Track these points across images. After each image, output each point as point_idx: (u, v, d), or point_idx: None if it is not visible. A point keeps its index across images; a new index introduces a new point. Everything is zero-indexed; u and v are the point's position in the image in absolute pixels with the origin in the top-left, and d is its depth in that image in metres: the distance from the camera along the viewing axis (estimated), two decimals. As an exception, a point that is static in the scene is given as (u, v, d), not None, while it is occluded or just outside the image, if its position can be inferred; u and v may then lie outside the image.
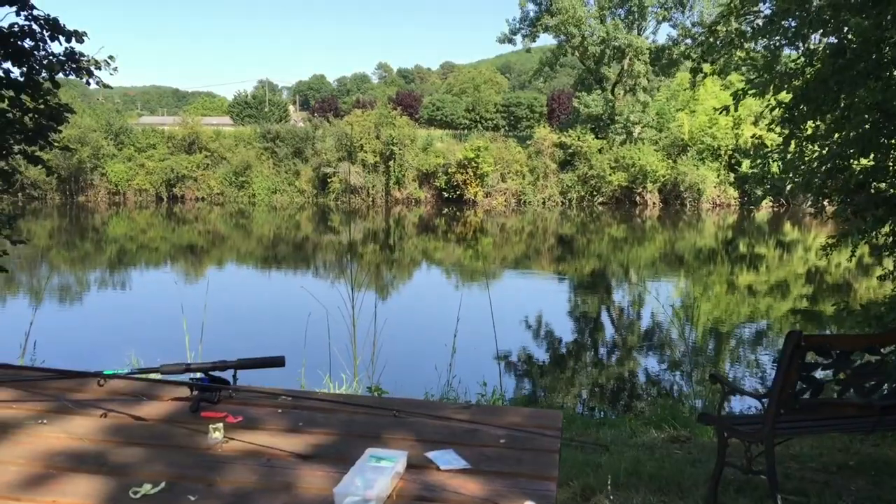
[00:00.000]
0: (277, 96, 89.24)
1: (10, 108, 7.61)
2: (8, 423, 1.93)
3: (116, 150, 44.87)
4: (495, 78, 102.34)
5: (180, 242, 29.40)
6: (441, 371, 6.87)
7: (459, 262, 24.86)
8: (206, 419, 1.97)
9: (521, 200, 43.58)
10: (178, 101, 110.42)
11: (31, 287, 18.21)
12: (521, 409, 2.17)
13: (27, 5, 7.12)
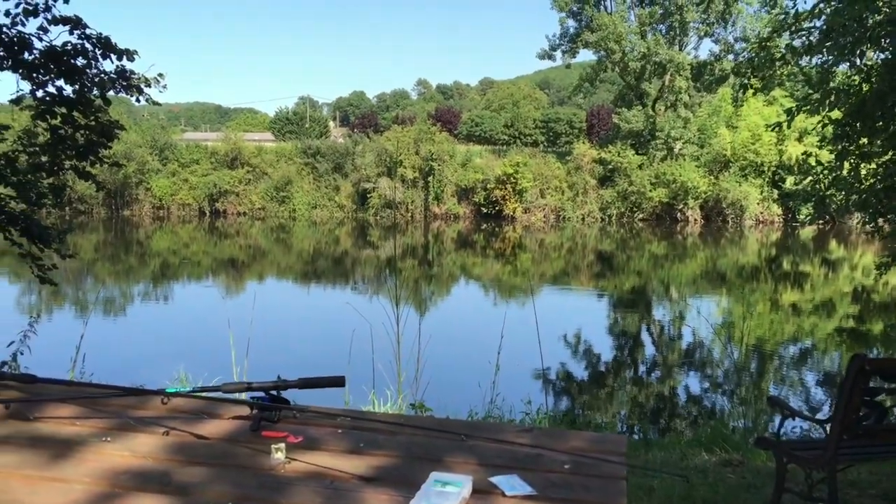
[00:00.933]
0: (318, 112, 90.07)
1: (62, 124, 7.75)
2: (72, 441, 1.94)
3: (161, 165, 45.69)
4: (534, 94, 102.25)
5: (222, 256, 29.74)
6: (485, 389, 6.82)
7: (498, 278, 24.79)
8: (267, 439, 1.96)
9: (560, 216, 43.40)
10: (221, 117, 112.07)
11: (78, 300, 18.52)
12: (583, 433, 2.13)
13: (80, 24, 7.25)
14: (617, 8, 44.43)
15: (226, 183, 44.74)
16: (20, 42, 7.20)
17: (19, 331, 7.35)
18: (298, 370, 6.52)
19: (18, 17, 7.14)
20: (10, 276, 20.42)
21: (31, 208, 8.31)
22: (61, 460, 1.81)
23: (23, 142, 8.13)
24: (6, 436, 1.96)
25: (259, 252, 31.60)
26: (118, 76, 7.66)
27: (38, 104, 7.58)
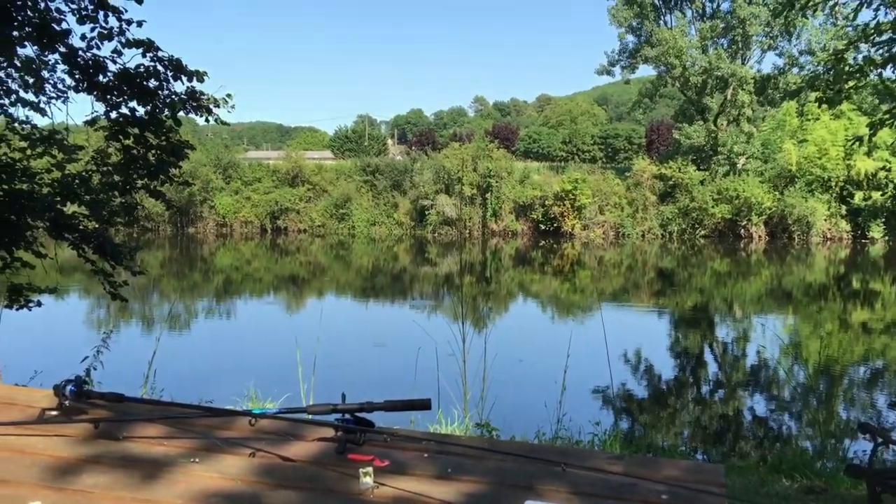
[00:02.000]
0: (376, 130, 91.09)
1: (134, 144, 7.93)
2: (161, 461, 1.94)
3: (224, 183, 46.64)
4: (592, 110, 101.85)
5: (283, 273, 30.14)
6: (551, 409, 6.72)
7: (557, 296, 24.60)
8: (354, 462, 1.93)
9: (619, 233, 42.94)
10: (282, 136, 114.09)
11: (144, 315, 18.92)
12: (678, 462, 2.04)
13: (153, 47, 7.42)
14: (677, 22, 44.00)
15: (287, 201, 45.45)
16: (95, 65, 7.40)
17: (93, 346, 7.50)
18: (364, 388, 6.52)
19: (94, 40, 7.33)
20: (80, 292, 20.98)
21: (104, 226, 8.52)
22: (152, 481, 1.81)
23: (96, 161, 8.34)
24: (97, 455, 1.97)
25: (319, 269, 31.95)
26: (188, 97, 7.81)
27: (111, 125, 7.77)
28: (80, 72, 7.44)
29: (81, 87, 7.59)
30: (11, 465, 1.89)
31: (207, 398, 6.43)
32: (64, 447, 2.00)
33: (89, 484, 1.79)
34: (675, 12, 44.96)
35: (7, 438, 2.04)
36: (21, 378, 6.68)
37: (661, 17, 45.42)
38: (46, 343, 12.39)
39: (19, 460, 1.93)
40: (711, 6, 44.90)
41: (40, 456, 1.95)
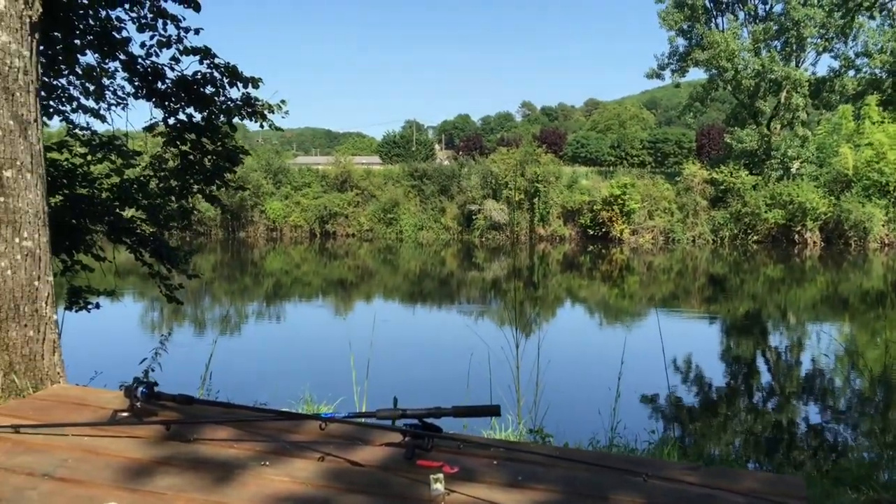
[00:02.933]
0: (424, 135, 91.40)
1: (191, 150, 8.06)
2: (232, 464, 1.95)
3: (274, 188, 47.23)
4: (641, 114, 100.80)
5: (332, 277, 30.37)
6: (604, 416, 6.63)
7: (605, 301, 24.38)
8: (423, 468, 1.92)
9: (669, 238, 42.37)
10: (331, 142, 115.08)
11: (196, 318, 19.21)
12: (755, 473, 1.99)
13: (210, 54, 7.53)
14: (729, 25, 43.31)
15: (335, 205, 45.85)
16: (154, 72, 7.54)
17: (150, 348, 7.61)
18: (417, 393, 6.47)
19: (153, 48, 7.48)
20: (135, 295, 21.39)
21: (160, 230, 8.67)
22: (224, 484, 1.82)
23: (154, 167, 8.50)
24: (168, 457, 1.99)
25: (367, 273, 32.13)
26: (244, 103, 7.91)
27: (169, 131, 7.90)
28: (139, 79, 7.58)
29: (141, 94, 7.73)
30: (86, 466, 1.91)
31: (262, 401, 6.49)
32: (136, 448, 2.03)
33: (162, 486, 1.80)
34: (727, 15, 44.28)
35: (81, 439, 2.08)
36: (81, 379, 6.80)
37: (713, 19, 44.76)
38: (104, 344, 12.64)
39: (94, 461, 1.95)
40: (764, 8, 44.16)
41: (114, 457, 1.98)
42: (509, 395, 6.56)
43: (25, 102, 3.31)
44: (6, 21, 3.21)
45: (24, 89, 3.30)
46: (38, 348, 3.25)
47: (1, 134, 3.13)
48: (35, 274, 3.30)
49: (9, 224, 3.15)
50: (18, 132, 3.25)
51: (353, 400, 6.16)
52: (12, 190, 3.18)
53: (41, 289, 3.34)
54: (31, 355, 3.20)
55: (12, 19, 3.23)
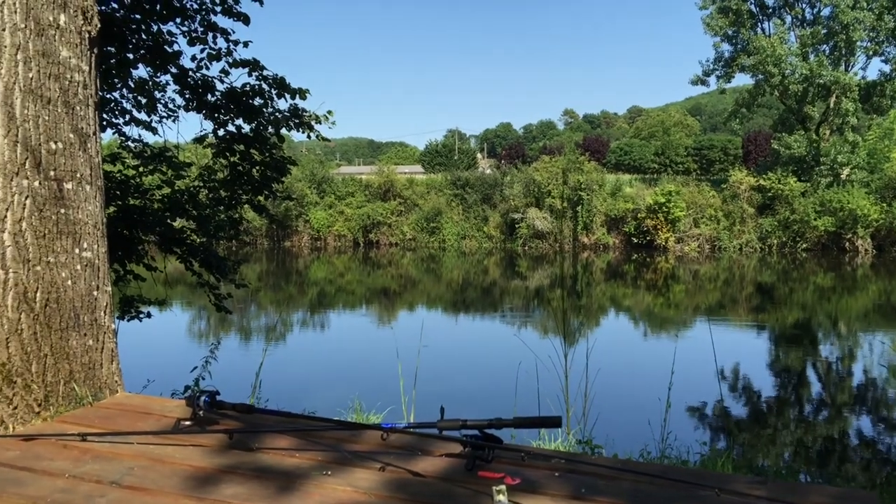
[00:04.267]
0: (466, 144, 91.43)
1: (240, 161, 8.17)
2: (294, 473, 1.96)
3: (318, 198, 47.63)
4: (685, 120, 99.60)
5: (376, 286, 30.50)
6: (654, 426, 6.53)
7: (650, 310, 24.09)
8: (484, 479, 1.90)
9: (715, 246, 41.77)
10: (373, 151, 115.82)
11: (242, 326, 19.40)
12: (824, 488, 1.93)
13: (258, 66, 7.63)
14: (776, 30, 42.65)
15: (379, 214, 46.08)
16: (204, 85, 7.65)
17: (201, 357, 7.70)
18: (463, 403, 6.47)
19: (203, 61, 7.60)
20: (183, 304, 21.70)
21: (210, 240, 8.79)
22: (287, 493, 1.83)
23: (203, 178, 8.63)
24: (232, 465, 2.01)
25: (410, 282, 32.20)
26: (291, 114, 8.00)
27: (218, 142, 8.02)
28: (190, 91, 7.71)
29: (191, 107, 7.86)
30: (153, 474, 1.94)
31: (310, 409, 6.52)
32: (200, 457, 2.05)
33: (227, 494, 1.82)
34: (774, 19, 43.67)
35: (146, 447, 2.10)
36: (135, 387, 6.91)
37: (759, 24, 44.17)
38: (155, 353, 12.84)
39: (159, 469, 1.98)
40: (812, 12, 43.42)
41: (179, 465, 2.00)
42: (557, 405, 6.50)
43: (85, 116, 3.38)
44: (67, 36, 3.28)
45: (83, 103, 3.36)
46: (98, 357, 3.31)
47: (62, 147, 3.19)
48: (94, 284, 3.36)
49: (69, 235, 3.21)
50: (78, 145, 3.31)
51: (401, 409, 6.16)
52: (72, 202, 3.24)
53: (100, 298, 3.40)
54: (91, 364, 3.26)
55: (72, 35, 3.30)
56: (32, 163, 3.04)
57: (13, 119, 2.98)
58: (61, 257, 3.16)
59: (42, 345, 3.02)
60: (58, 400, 3.02)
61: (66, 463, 2.03)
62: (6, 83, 2.98)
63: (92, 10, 3.44)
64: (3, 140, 2.94)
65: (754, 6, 43.81)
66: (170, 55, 7.39)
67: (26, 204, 3.01)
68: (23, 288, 2.97)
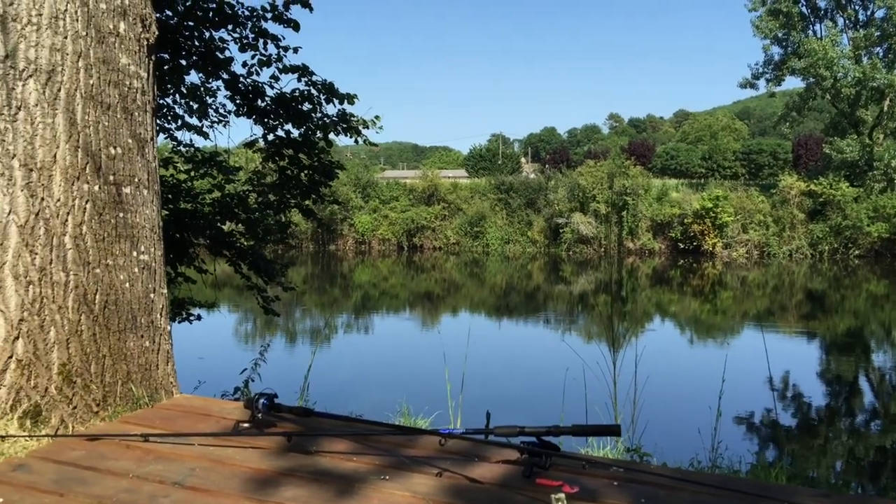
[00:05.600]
0: (510, 149, 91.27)
1: (289, 165, 8.26)
2: (352, 477, 1.97)
3: (363, 202, 47.92)
4: (733, 124, 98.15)
5: (419, 290, 30.57)
6: (705, 435, 6.43)
7: (697, 317, 23.78)
8: (542, 487, 1.89)
9: (764, 252, 41.04)
10: (417, 156, 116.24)
11: (288, 329, 19.59)
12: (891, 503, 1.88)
13: (307, 72, 7.71)
14: (827, 32, 41.82)
15: (423, 219, 46.19)
16: (255, 90, 7.76)
17: (248, 359, 7.78)
18: (508, 408, 6.44)
19: (254, 67, 7.70)
20: (230, 306, 21.98)
21: (258, 244, 8.89)
22: (346, 497, 1.84)
23: (252, 182, 8.74)
24: (291, 468, 2.02)
25: (454, 286, 32.22)
26: (339, 119, 8.05)
27: (268, 147, 8.12)
28: (240, 97, 7.81)
29: (241, 112, 7.97)
30: (214, 476, 1.96)
31: (357, 412, 6.55)
32: (260, 459, 2.07)
33: (288, 496, 1.83)
34: (826, 21, 42.82)
35: (207, 448, 2.13)
36: (186, 388, 7.02)
37: (810, 26, 43.37)
38: (203, 354, 13.02)
39: (220, 470, 2.00)
40: (865, 14, 42.47)
41: (239, 467, 2.02)
42: (605, 412, 6.44)
43: (143, 122, 3.44)
44: (126, 44, 3.34)
45: (141, 109, 3.43)
46: (154, 358, 3.37)
47: (121, 152, 3.25)
48: (151, 286, 3.42)
49: (127, 238, 3.27)
50: (136, 150, 3.37)
51: (447, 414, 6.16)
52: (130, 206, 3.30)
53: (156, 301, 3.45)
54: (147, 365, 3.31)
55: (131, 42, 3.36)
56: (93, 167, 3.10)
57: (74, 125, 3.05)
58: (120, 260, 3.22)
59: (101, 346, 3.07)
60: (115, 400, 3.08)
61: (129, 463, 2.07)
62: (68, 90, 3.04)
63: (150, 18, 3.51)
64: (65, 145, 3.01)
65: (805, 8, 43.05)
66: (221, 61, 7.50)
67: (87, 208, 3.07)
68: (83, 290, 3.03)
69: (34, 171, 2.94)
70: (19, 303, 2.89)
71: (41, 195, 2.95)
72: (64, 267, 2.99)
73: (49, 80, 2.99)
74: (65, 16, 3.04)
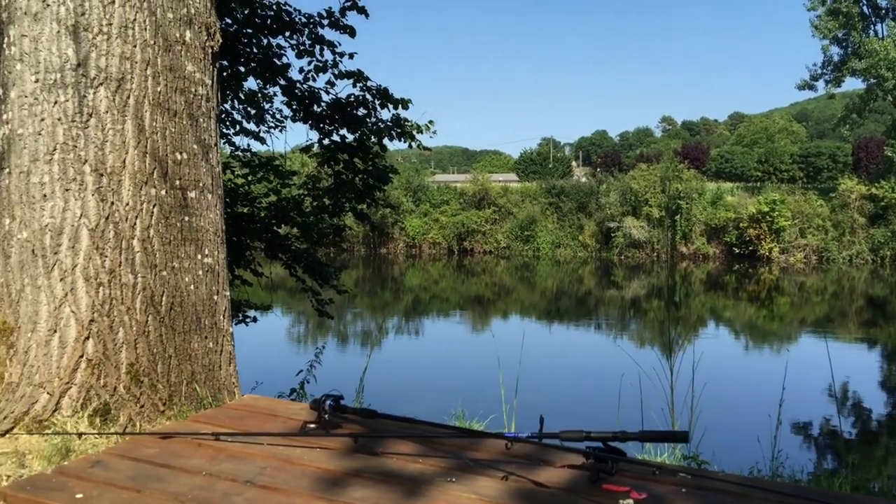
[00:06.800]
0: (560, 152, 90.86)
1: (344, 170, 8.34)
2: (419, 479, 1.99)
3: (414, 206, 48.11)
4: (791, 127, 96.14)
5: (470, 293, 30.58)
6: (764, 444, 6.31)
7: (753, 323, 23.35)
8: (609, 492, 1.88)
9: (823, 257, 40.10)
10: (468, 160, 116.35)
11: (340, 331, 19.76)
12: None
13: (362, 77, 7.78)
14: (889, 31, 40.74)
15: (473, 222, 46.18)
16: (311, 96, 7.86)
17: (303, 360, 7.88)
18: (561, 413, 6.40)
19: (310, 73, 7.80)
20: (283, 308, 22.25)
21: (313, 247, 8.99)
22: (414, 498, 1.86)
23: (308, 186, 8.85)
24: (358, 469, 2.05)
25: (504, 290, 32.16)
26: (394, 124, 8.12)
27: (323, 151, 8.22)
28: (297, 102, 7.93)
29: (298, 117, 8.08)
30: (284, 475, 2.00)
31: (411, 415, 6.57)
32: (328, 460, 2.10)
33: (357, 497, 1.86)
34: (887, 21, 41.72)
35: (275, 448, 2.17)
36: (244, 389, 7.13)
37: (871, 26, 42.29)
38: (259, 355, 13.22)
39: (290, 470, 2.04)
40: (929, 13, 41.35)
41: (308, 467, 2.06)
42: (662, 418, 6.36)
43: (207, 128, 3.51)
44: (192, 52, 3.42)
45: (206, 115, 3.50)
46: (217, 359, 3.43)
47: (186, 157, 3.33)
48: (214, 289, 3.49)
49: (192, 241, 3.34)
50: (201, 155, 3.45)
51: (501, 418, 6.16)
52: (195, 209, 3.37)
53: (219, 303, 3.52)
54: (211, 366, 3.38)
55: (197, 50, 3.44)
56: (160, 172, 3.18)
57: (143, 131, 3.13)
58: (185, 263, 3.29)
59: (167, 346, 3.15)
60: (181, 400, 3.15)
61: (202, 461, 2.11)
62: (136, 97, 3.13)
63: (214, 27, 3.58)
64: (134, 151, 3.09)
65: (866, 8, 41.99)
66: (279, 68, 7.62)
67: (154, 212, 3.15)
68: (150, 292, 3.11)
69: (104, 176, 3.03)
70: (90, 304, 2.98)
71: (111, 199, 3.04)
72: (132, 269, 3.07)
73: (119, 88, 3.08)
74: (134, 25, 3.12)
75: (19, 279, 3.01)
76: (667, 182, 42.63)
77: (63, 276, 2.97)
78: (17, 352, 2.97)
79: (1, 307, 3.06)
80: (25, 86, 3.02)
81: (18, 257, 3.02)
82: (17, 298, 3.01)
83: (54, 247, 2.98)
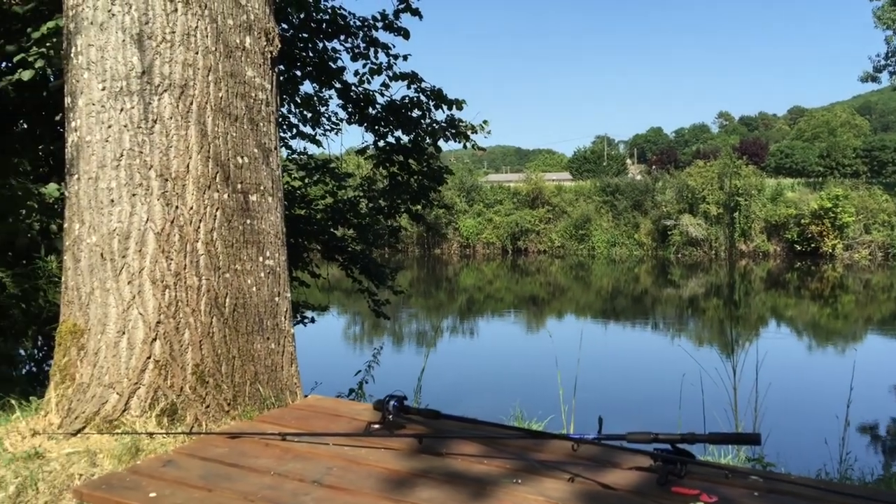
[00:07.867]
0: (614, 150, 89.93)
1: (399, 171, 8.38)
2: (484, 480, 1.98)
3: (467, 206, 48.07)
4: (853, 120, 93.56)
5: (524, 293, 30.46)
6: (832, 446, 6.14)
7: (817, 322, 22.78)
8: (678, 495, 1.85)
9: (889, 254, 38.91)
10: (520, 159, 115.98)
11: (395, 331, 19.86)
12: None
13: (417, 79, 7.81)
14: (956, 19, 39.46)
15: (527, 222, 45.96)
16: (366, 98, 7.92)
17: (360, 360, 7.94)
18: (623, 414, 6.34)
19: (365, 76, 7.87)
20: (339, 309, 22.45)
21: (369, 248, 9.06)
22: (481, 499, 1.85)
23: (363, 188, 8.92)
24: (424, 469, 2.05)
25: (559, 290, 31.96)
26: (448, 125, 8.12)
27: (379, 153, 8.27)
28: (352, 105, 8.00)
29: (353, 120, 8.15)
30: (350, 475, 2.01)
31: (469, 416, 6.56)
32: (392, 460, 2.11)
33: (424, 497, 1.86)
34: (954, 8, 40.39)
35: (341, 448, 2.19)
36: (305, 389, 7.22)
37: (938, 14, 40.95)
38: (317, 356, 13.35)
39: (356, 470, 2.05)
40: None
41: (373, 467, 2.07)
42: (725, 420, 6.24)
43: (267, 132, 3.56)
44: (251, 57, 3.46)
45: (266, 120, 3.54)
46: (279, 360, 3.47)
47: (247, 161, 3.37)
48: (276, 290, 3.53)
49: (254, 244, 3.39)
50: (262, 159, 3.49)
51: (560, 419, 6.11)
52: (256, 213, 3.42)
53: (280, 304, 3.56)
54: (273, 366, 3.42)
55: (256, 55, 3.49)
56: (222, 176, 3.23)
57: (205, 136, 3.18)
58: (247, 265, 3.34)
59: (231, 347, 3.20)
60: (244, 400, 3.19)
61: (269, 461, 2.14)
62: (199, 103, 3.18)
63: (273, 32, 3.63)
64: (197, 156, 3.15)
65: (931, -5, 40.70)
66: (334, 71, 7.69)
67: (217, 215, 3.20)
68: (214, 294, 3.16)
69: (169, 181, 3.09)
70: (156, 306, 3.04)
71: (175, 203, 3.10)
72: (197, 272, 3.12)
73: (182, 94, 3.14)
74: (196, 32, 3.18)
75: (89, 282, 3.09)
76: (725, 178, 41.81)
77: (131, 279, 3.03)
78: (87, 353, 3.05)
79: (72, 310, 3.14)
80: (93, 94, 3.10)
81: (88, 261, 3.09)
82: (87, 301, 3.09)
83: (122, 251, 3.05)
